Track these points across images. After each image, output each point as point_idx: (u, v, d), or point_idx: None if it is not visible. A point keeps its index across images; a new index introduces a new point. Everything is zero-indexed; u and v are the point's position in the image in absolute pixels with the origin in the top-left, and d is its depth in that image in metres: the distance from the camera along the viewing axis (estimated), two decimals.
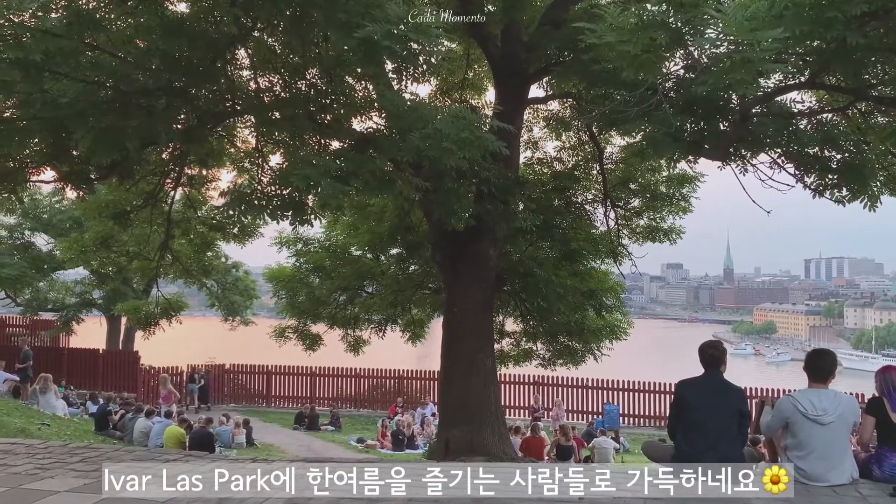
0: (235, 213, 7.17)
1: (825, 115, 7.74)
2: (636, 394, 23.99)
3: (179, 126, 7.50)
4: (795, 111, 7.55)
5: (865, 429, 5.23)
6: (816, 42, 5.47)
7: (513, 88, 10.60)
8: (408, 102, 6.63)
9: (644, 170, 12.69)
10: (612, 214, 12.90)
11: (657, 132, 6.89)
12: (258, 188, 7.49)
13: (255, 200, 6.95)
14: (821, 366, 5.23)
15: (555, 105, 12.84)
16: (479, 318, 10.60)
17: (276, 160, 8.78)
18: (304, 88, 7.03)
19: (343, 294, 15.14)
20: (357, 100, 6.96)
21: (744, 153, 7.74)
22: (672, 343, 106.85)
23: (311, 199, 6.99)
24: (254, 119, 7.86)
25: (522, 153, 12.84)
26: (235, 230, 12.87)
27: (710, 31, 4.86)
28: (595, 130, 11.74)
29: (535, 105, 12.58)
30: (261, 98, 7.13)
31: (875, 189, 7.46)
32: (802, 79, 6.73)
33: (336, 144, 7.58)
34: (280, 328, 16.49)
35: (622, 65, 5.25)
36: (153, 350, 25.43)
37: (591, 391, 24.25)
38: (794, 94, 7.42)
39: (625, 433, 20.77)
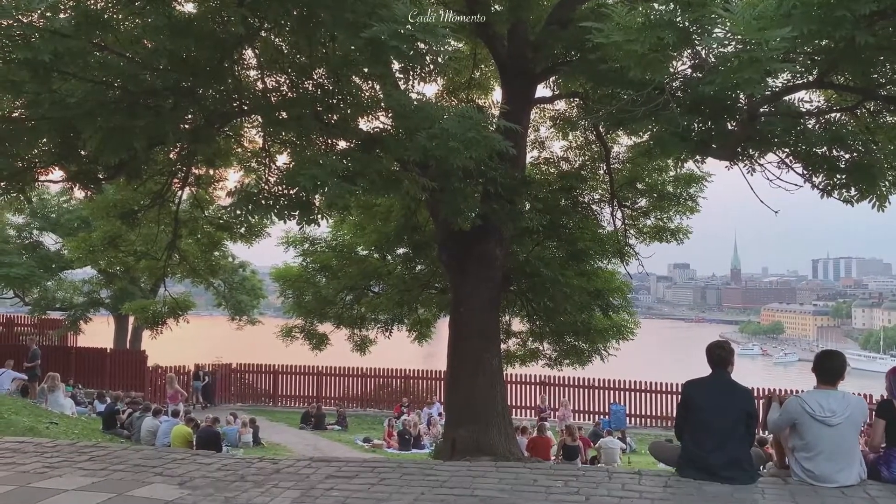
0: (242, 213, 7.18)
1: (833, 115, 7.70)
2: (643, 394, 23.95)
3: (187, 126, 7.52)
4: (803, 111, 7.51)
5: (876, 432, 5.20)
6: (825, 41, 5.44)
7: (519, 88, 10.57)
8: (414, 102, 6.63)
9: (651, 169, 12.64)
10: (619, 214, 12.87)
11: (664, 132, 6.87)
12: (265, 188, 7.50)
13: (262, 200, 6.96)
14: (830, 367, 5.20)
15: (561, 105, 12.81)
16: (486, 318, 10.57)
17: (283, 160, 8.81)
18: (311, 88, 7.04)
19: (349, 294, 15.15)
20: (364, 100, 6.96)
21: (751, 153, 7.70)
22: (679, 343, 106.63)
23: (318, 199, 6.99)
24: (261, 119, 7.88)
25: (529, 153, 12.82)
26: (242, 230, 12.89)
27: (718, 31, 4.84)
28: (602, 130, 11.72)
29: (542, 105, 12.54)
30: (268, 98, 7.14)
31: (884, 189, 7.41)
32: (811, 78, 6.70)
33: (343, 144, 7.58)
34: (287, 328, 16.52)
35: (629, 64, 5.22)
36: (160, 349, 25.51)
37: (598, 391, 24.23)
38: (803, 94, 7.39)
39: (631, 433, 20.75)
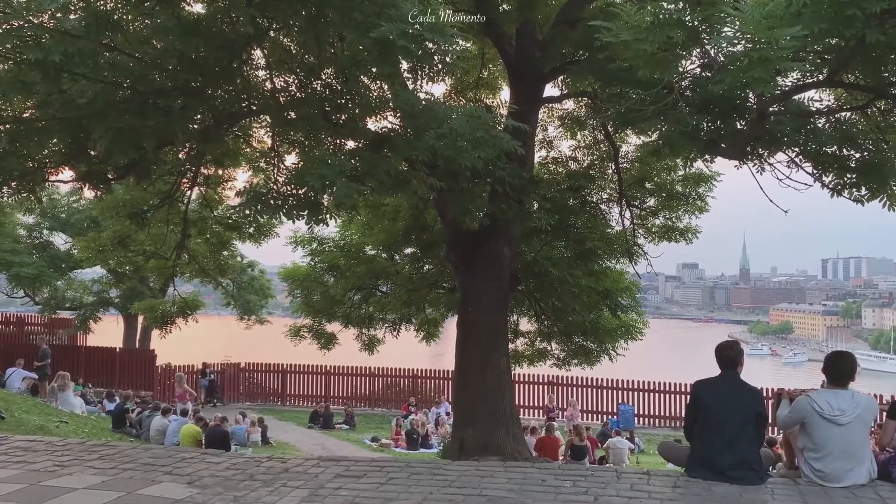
0: (251, 213, 7.21)
1: (844, 114, 7.65)
2: (651, 394, 23.90)
3: (196, 126, 7.54)
4: (813, 110, 7.46)
5: (886, 432, 5.18)
6: (835, 40, 5.41)
7: (527, 87, 10.56)
8: (423, 102, 6.62)
9: (660, 169, 12.60)
10: (628, 214, 12.83)
11: (673, 131, 6.83)
12: (274, 188, 7.52)
13: (271, 200, 6.96)
14: (840, 368, 5.18)
15: (570, 104, 12.78)
16: (494, 318, 10.56)
17: (292, 160, 8.81)
18: (320, 88, 7.04)
19: (357, 293, 15.17)
20: (372, 99, 6.96)
21: (761, 152, 7.66)
22: (688, 343, 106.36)
23: (327, 199, 6.99)
24: (269, 119, 7.89)
25: (537, 152, 12.80)
26: (251, 230, 12.91)
27: (727, 30, 4.82)
28: (610, 129, 11.68)
29: (550, 104, 12.53)
30: (276, 98, 7.15)
31: (895, 188, 7.36)
32: (821, 77, 6.66)
33: (351, 144, 7.58)
34: (295, 327, 16.57)
35: (638, 63, 5.20)
36: (169, 348, 25.63)
37: (606, 391, 24.20)
38: (813, 93, 7.33)
39: (640, 433, 20.70)
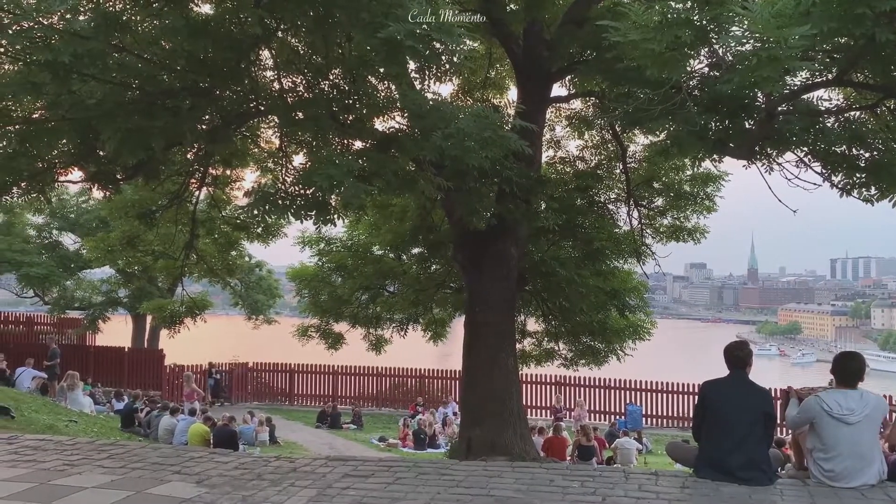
0: (259, 213, 7.21)
1: (853, 113, 7.61)
2: (659, 394, 23.83)
3: (204, 126, 7.55)
4: (822, 109, 7.43)
5: (895, 432, 5.15)
6: (844, 39, 5.38)
7: (535, 87, 10.55)
8: (430, 102, 6.62)
9: (668, 168, 12.56)
10: (636, 213, 12.79)
11: (681, 130, 6.81)
12: (282, 188, 7.53)
13: (279, 200, 6.98)
14: (849, 369, 5.16)
15: (577, 104, 12.75)
16: (501, 318, 10.55)
17: (300, 160, 8.84)
18: (327, 89, 7.05)
19: (365, 293, 15.19)
20: (380, 100, 6.96)
21: (769, 152, 7.63)
22: (695, 343, 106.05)
23: (334, 199, 7.00)
24: (277, 119, 7.90)
25: (545, 152, 12.78)
26: (259, 230, 12.96)
27: (736, 29, 4.81)
28: (618, 129, 11.65)
29: (558, 104, 12.50)
30: (284, 98, 7.16)
31: None
32: (830, 76, 6.62)
33: (359, 144, 7.59)
34: (303, 327, 16.61)
35: (646, 63, 5.19)
36: (178, 348, 25.74)
37: (614, 391, 24.14)
38: (822, 92, 7.29)
39: (648, 434, 20.64)
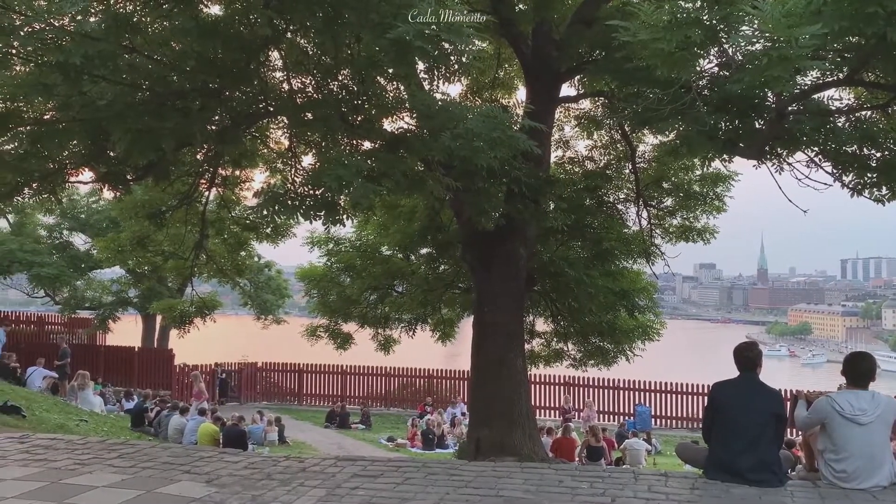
0: (269, 213, 7.23)
1: (864, 113, 7.57)
2: (668, 395, 23.75)
3: (214, 127, 7.58)
4: (833, 109, 7.40)
5: None
6: (855, 38, 5.35)
7: (544, 87, 10.54)
8: (439, 102, 6.63)
9: (677, 169, 12.53)
10: (645, 214, 12.76)
11: (691, 130, 6.80)
12: (291, 188, 7.55)
13: (288, 200, 6.99)
14: (860, 370, 5.13)
15: (586, 104, 12.74)
16: (510, 318, 10.55)
17: (309, 160, 8.85)
18: (337, 89, 7.05)
19: (373, 293, 15.20)
20: (388, 100, 6.97)
21: (780, 152, 7.60)
22: (705, 344, 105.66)
23: (343, 199, 7.01)
24: (287, 120, 7.93)
25: (553, 152, 12.78)
26: (269, 230, 12.97)
27: (746, 28, 4.79)
28: (627, 129, 11.63)
29: (567, 104, 12.49)
30: (294, 99, 7.17)
31: None
32: (841, 76, 6.59)
33: (368, 145, 7.60)
34: (311, 327, 16.63)
35: (655, 63, 5.17)
36: (187, 348, 25.86)
37: (623, 392, 24.08)
38: (832, 92, 7.27)
39: (657, 435, 20.57)
